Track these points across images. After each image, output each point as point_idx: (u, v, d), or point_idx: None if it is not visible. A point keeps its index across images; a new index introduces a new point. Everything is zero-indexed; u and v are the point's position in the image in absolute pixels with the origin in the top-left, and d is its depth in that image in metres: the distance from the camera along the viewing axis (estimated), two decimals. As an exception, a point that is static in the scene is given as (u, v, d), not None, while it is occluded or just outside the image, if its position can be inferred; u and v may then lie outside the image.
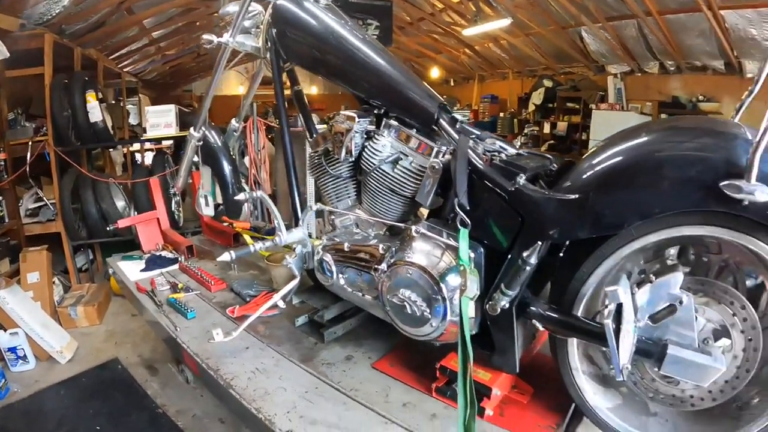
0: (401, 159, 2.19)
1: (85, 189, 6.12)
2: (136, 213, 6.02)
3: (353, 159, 2.33)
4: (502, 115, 14.81)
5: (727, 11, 7.30)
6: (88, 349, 4.97)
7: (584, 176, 1.75)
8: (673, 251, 1.79)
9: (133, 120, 9.30)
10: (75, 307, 5.40)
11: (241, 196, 2.70)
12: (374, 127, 2.33)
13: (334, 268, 2.39)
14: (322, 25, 2.36)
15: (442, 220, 2.09)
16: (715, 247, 1.81)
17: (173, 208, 5.94)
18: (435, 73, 16.23)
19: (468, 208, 1.90)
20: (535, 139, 13.22)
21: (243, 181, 3.83)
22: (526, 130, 13.59)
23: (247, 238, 4.15)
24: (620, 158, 1.69)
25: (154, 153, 8.15)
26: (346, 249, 2.35)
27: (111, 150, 7.93)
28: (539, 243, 1.78)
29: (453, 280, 1.93)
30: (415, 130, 2.20)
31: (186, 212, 6.89)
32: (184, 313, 3.02)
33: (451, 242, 1.95)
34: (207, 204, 3.47)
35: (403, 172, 2.18)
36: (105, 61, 7.99)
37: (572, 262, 1.86)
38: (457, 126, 2.14)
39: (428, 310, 1.99)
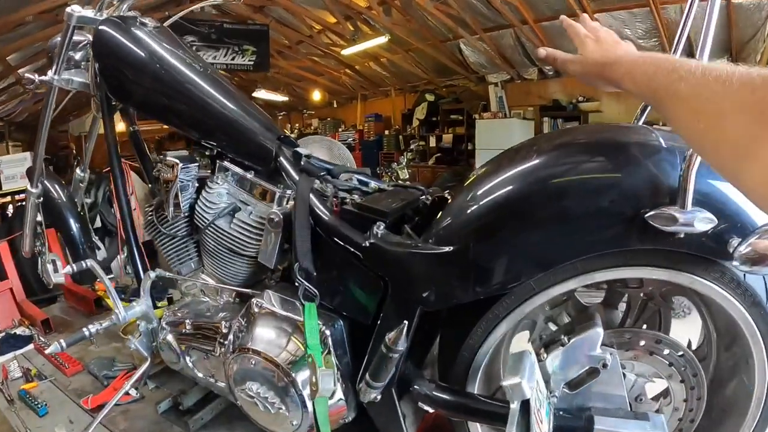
0: (239, 210, 1.73)
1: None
2: (-9, 283, 5.31)
3: (186, 214, 1.86)
4: (387, 132, 14.49)
5: (601, 14, 7.29)
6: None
7: (462, 219, 1.28)
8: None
9: (5, 170, 8.51)
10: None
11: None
12: (210, 173, 1.87)
13: (177, 349, 1.91)
14: (148, 54, 1.85)
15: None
16: (635, 281, 1.43)
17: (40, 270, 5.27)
18: (317, 95, 15.81)
19: (314, 273, 1.43)
20: (422, 153, 13.04)
21: (97, 238, 3.24)
22: (411, 146, 13.30)
23: (110, 302, 3.59)
24: (506, 191, 1.22)
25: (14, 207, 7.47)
26: (188, 326, 1.86)
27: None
28: (405, 323, 1.26)
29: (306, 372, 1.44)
30: (253, 172, 1.75)
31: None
32: (35, 410, 2.51)
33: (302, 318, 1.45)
34: (56, 270, 2.89)
35: (241, 227, 1.70)
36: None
37: (458, 329, 1.40)
38: (302, 163, 1.69)
39: (283, 408, 1.50)
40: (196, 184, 1.85)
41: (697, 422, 1.41)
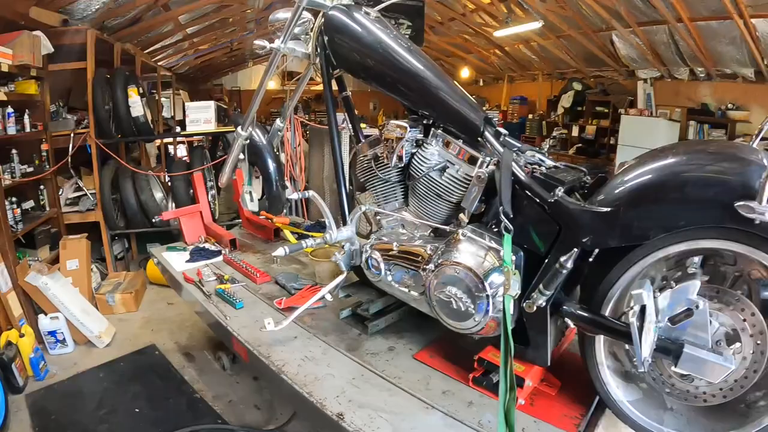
0: (448, 167, 2.42)
1: (125, 180, 6.42)
2: (174, 205, 6.35)
3: (402, 165, 2.57)
4: (530, 116, 14.88)
5: (759, 19, 7.36)
6: (126, 334, 5.24)
7: (616, 191, 1.97)
8: (696, 260, 1.98)
9: (166, 113, 9.56)
10: (113, 294, 5.68)
11: (294, 195, 2.97)
12: (422, 136, 2.56)
13: (382, 266, 2.62)
14: (371, 35, 2.57)
15: (483, 225, 2.33)
16: (731, 259, 2.02)
17: (210, 202, 6.12)
18: (465, 73, 16.31)
19: (511, 215, 2.10)
20: (563, 142, 13.33)
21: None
22: (554, 133, 13.62)
23: (287, 233, 4.40)
24: (648, 176, 1.90)
25: (186, 146, 8.59)
26: (394, 249, 2.57)
27: (146, 143, 8.22)
28: (575, 250, 2.01)
29: (496, 279, 2.13)
30: (461, 140, 2.43)
31: (220, 206, 7.17)
32: (232, 303, 3.26)
33: (494, 245, 2.17)
34: (252, 200, 3.68)
35: (451, 180, 2.41)
36: (142, 55, 8.28)
37: (602, 267, 2.09)
38: (501, 139, 2.37)
39: (472, 306, 2.19)
40: (414, 144, 2.54)
41: (759, 374, 1.89)
